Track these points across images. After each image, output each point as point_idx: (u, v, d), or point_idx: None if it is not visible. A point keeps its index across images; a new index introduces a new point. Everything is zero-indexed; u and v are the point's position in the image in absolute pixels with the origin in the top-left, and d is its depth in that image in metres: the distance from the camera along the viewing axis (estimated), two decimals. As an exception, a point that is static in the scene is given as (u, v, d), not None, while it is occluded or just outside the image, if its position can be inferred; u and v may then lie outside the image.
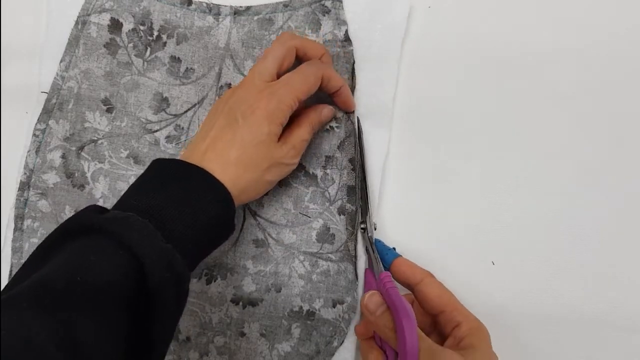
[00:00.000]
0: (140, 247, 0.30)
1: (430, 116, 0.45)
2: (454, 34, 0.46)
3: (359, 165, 0.43)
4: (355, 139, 0.44)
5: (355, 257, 0.43)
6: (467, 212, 0.44)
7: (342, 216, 0.43)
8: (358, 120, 0.44)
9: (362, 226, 0.43)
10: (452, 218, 0.44)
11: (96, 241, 0.31)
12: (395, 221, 0.44)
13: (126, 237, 0.30)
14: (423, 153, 0.45)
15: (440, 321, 0.37)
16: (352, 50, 0.45)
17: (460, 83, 0.45)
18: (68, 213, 0.44)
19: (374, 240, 0.42)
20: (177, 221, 0.33)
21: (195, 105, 0.45)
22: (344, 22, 0.45)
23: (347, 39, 0.45)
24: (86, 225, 0.31)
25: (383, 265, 0.40)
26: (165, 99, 0.45)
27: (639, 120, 0.44)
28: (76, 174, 0.44)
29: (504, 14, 0.46)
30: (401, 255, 0.40)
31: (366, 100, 0.45)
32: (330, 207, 0.43)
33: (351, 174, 0.44)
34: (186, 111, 0.45)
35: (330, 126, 0.44)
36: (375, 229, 0.42)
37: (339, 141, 0.44)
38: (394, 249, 0.41)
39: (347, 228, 0.43)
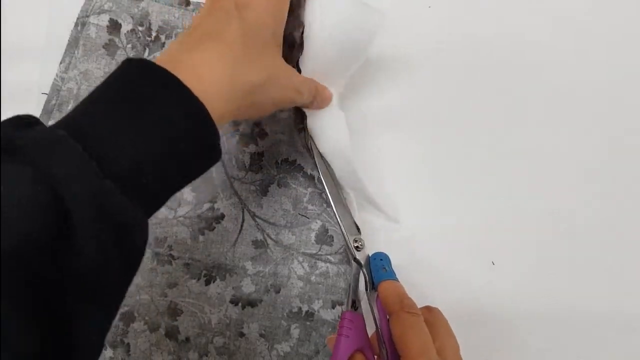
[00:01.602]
0: (63, 181, 0.22)
1: (429, 116, 0.45)
2: (454, 34, 0.45)
3: (329, 185, 0.41)
4: (313, 157, 0.41)
5: (356, 260, 0.42)
6: (467, 212, 0.44)
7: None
8: (311, 138, 0.40)
9: (356, 245, 0.40)
10: (452, 218, 0.44)
11: (7, 168, 0.21)
12: (395, 222, 0.44)
13: (44, 165, 0.22)
14: (422, 153, 0.45)
15: None
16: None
17: (460, 83, 0.45)
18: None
19: (366, 262, 0.39)
20: (123, 144, 0.24)
21: (194, 106, 0.45)
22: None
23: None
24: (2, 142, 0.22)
25: (374, 287, 0.37)
26: (165, 100, 0.45)
27: (639, 120, 0.44)
28: (75, 175, 0.44)
29: (504, 13, 0.46)
30: (387, 280, 0.37)
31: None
32: (328, 209, 0.43)
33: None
34: (185, 112, 0.45)
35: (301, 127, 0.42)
36: (359, 250, 0.40)
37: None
38: (385, 269, 0.38)
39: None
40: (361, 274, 0.39)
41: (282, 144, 0.44)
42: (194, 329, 0.43)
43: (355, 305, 0.38)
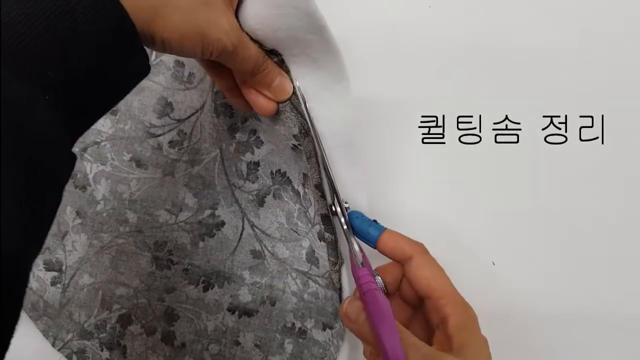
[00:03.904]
0: None
1: (429, 115, 0.44)
2: (454, 34, 0.45)
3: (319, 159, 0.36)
4: (317, 159, 0.37)
5: (341, 289, 0.40)
6: (467, 212, 0.43)
7: (322, 242, 0.41)
8: (317, 137, 0.35)
9: (333, 209, 0.35)
10: (452, 218, 0.43)
11: None
12: (395, 222, 0.43)
13: None
14: (423, 154, 0.44)
15: (426, 305, 0.33)
16: None
17: (461, 83, 0.44)
18: (69, 214, 0.44)
19: (348, 221, 0.35)
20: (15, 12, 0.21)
21: (198, 110, 0.44)
22: None
23: None
24: None
25: (370, 243, 0.34)
26: (170, 104, 0.45)
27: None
28: (78, 175, 0.44)
29: (505, 13, 0.44)
30: (386, 229, 0.34)
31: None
32: (312, 230, 0.42)
33: (321, 201, 0.38)
34: (190, 116, 0.44)
35: (294, 144, 0.38)
36: (347, 209, 0.35)
37: (304, 163, 0.39)
38: (375, 221, 0.35)
39: (329, 259, 0.40)
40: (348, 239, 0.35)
41: (275, 154, 0.43)
42: (190, 335, 0.43)
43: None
